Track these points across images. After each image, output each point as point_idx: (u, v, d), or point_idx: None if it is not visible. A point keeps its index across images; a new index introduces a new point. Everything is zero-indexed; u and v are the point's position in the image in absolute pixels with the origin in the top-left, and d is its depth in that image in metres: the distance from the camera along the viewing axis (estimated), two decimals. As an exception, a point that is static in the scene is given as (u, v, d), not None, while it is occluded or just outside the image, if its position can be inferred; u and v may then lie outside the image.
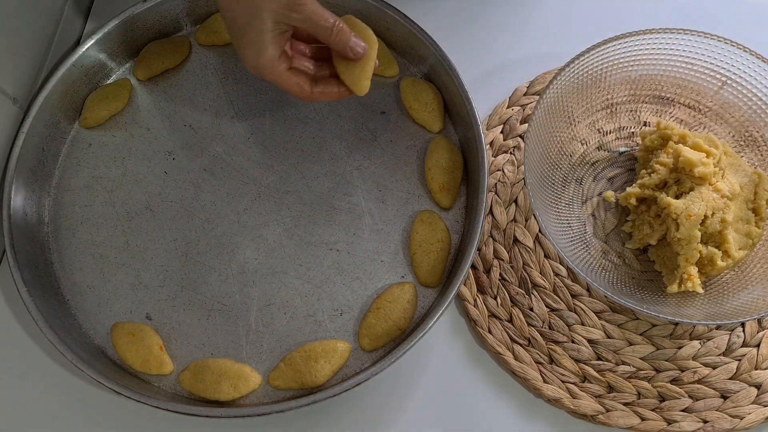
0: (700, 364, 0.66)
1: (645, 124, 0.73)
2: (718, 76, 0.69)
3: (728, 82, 0.69)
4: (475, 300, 0.68)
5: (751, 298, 0.63)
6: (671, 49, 0.69)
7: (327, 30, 0.60)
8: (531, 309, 0.68)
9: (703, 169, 0.63)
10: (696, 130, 0.72)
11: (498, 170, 0.73)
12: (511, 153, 0.74)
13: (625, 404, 0.65)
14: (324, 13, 0.60)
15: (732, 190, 0.64)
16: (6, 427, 0.65)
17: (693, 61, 0.69)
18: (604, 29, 0.70)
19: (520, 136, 0.74)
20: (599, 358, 0.66)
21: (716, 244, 0.64)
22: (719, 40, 0.67)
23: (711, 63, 0.69)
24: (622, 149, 0.73)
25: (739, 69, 0.68)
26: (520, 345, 0.67)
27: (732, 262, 0.64)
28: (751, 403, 0.64)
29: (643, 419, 0.64)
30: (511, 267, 0.69)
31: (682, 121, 0.72)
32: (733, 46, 0.67)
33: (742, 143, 0.71)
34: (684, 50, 0.69)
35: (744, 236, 0.65)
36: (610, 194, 0.71)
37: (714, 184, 0.64)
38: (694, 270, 0.63)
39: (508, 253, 0.70)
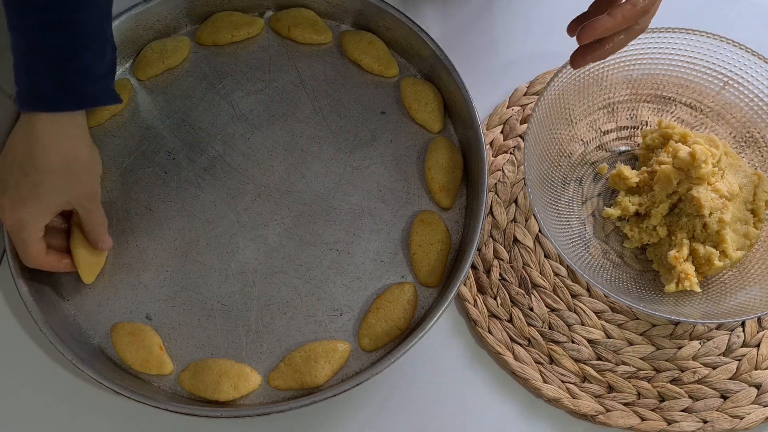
0: (700, 364, 0.66)
1: (645, 123, 0.73)
2: (719, 76, 0.69)
3: (730, 82, 0.69)
4: (475, 300, 0.68)
5: (749, 298, 0.63)
6: (672, 48, 0.69)
7: (102, 224, 0.65)
8: (531, 309, 0.68)
9: (702, 169, 0.63)
10: (697, 129, 0.72)
11: (498, 170, 0.73)
12: (511, 153, 0.74)
13: (625, 404, 0.65)
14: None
15: (731, 190, 0.64)
16: (6, 427, 0.65)
17: (694, 61, 0.69)
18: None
19: (520, 136, 0.74)
20: (599, 358, 0.66)
21: (714, 243, 0.64)
22: (721, 40, 0.67)
23: (713, 63, 0.69)
24: (623, 148, 0.73)
25: (740, 69, 0.68)
26: (520, 345, 0.67)
27: (729, 262, 0.64)
28: (751, 403, 0.64)
29: (643, 419, 0.64)
30: (511, 267, 0.69)
31: (683, 120, 0.72)
32: (735, 46, 0.67)
33: (742, 143, 0.70)
34: (685, 50, 0.69)
35: (742, 237, 0.65)
36: (604, 167, 0.71)
37: (713, 184, 0.64)
38: (691, 269, 0.63)
39: (508, 253, 0.70)
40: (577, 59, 0.61)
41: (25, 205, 0.60)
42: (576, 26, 0.61)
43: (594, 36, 0.57)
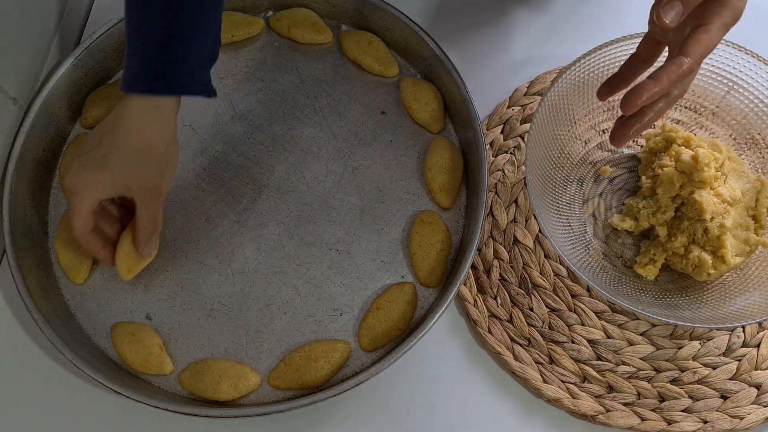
0: (700, 364, 0.66)
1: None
2: (724, 81, 0.69)
3: (735, 87, 0.69)
4: (475, 300, 0.68)
5: (749, 303, 0.63)
6: (674, 50, 0.69)
7: (151, 228, 0.64)
8: (531, 309, 0.68)
9: (704, 173, 0.63)
10: (695, 131, 0.72)
11: (498, 170, 0.73)
12: (511, 153, 0.74)
13: (625, 404, 0.65)
14: None
15: (733, 195, 0.64)
16: (6, 427, 0.65)
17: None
18: (605, 30, 0.70)
19: (521, 136, 0.74)
20: (599, 358, 0.66)
21: (714, 248, 0.64)
22: (726, 44, 0.67)
23: (717, 67, 0.69)
24: (626, 151, 0.73)
25: (746, 75, 0.68)
26: (520, 345, 0.67)
27: (726, 267, 0.64)
28: (751, 404, 0.64)
29: (643, 419, 0.64)
30: (511, 267, 0.69)
31: (681, 122, 0.72)
32: (741, 51, 0.66)
33: (743, 145, 0.70)
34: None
35: (742, 242, 0.65)
36: (606, 169, 0.71)
37: (715, 189, 0.64)
38: (660, 256, 0.65)
39: (508, 253, 0.70)
40: (619, 136, 0.58)
41: (85, 172, 0.60)
42: (607, 90, 0.58)
43: (639, 105, 0.52)
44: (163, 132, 0.60)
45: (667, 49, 0.58)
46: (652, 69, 0.55)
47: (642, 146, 0.72)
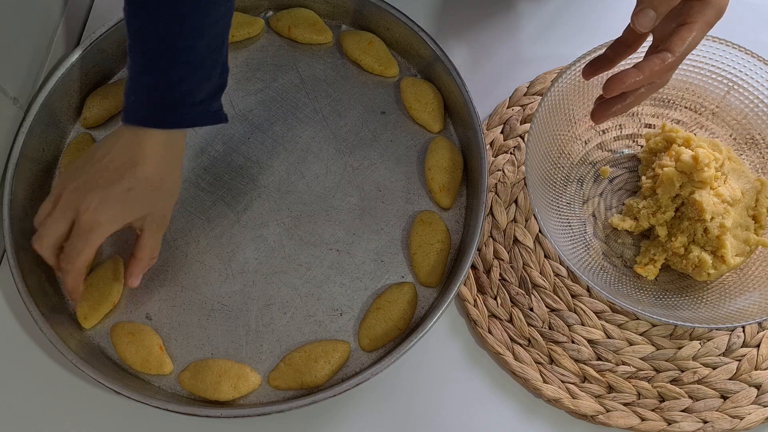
0: (700, 364, 0.66)
1: (648, 126, 0.73)
2: (725, 81, 0.69)
3: (735, 87, 0.69)
4: (475, 300, 0.68)
5: (749, 303, 0.63)
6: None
7: (154, 257, 0.66)
8: (531, 309, 0.68)
9: (704, 173, 0.63)
10: (695, 131, 0.72)
11: (498, 170, 0.73)
12: (511, 153, 0.74)
13: (625, 404, 0.65)
14: None
15: (733, 195, 0.64)
16: (6, 427, 0.65)
17: (699, 65, 0.69)
18: (605, 30, 0.70)
19: (521, 136, 0.74)
20: (599, 359, 0.66)
21: (714, 248, 0.64)
22: (726, 44, 0.67)
23: (717, 67, 0.68)
24: (626, 151, 0.73)
25: (746, 75, 0.68)
26: (520, 345, 0.67)
27: (726, 267, 0.64)
28: (751, 404, 0.64)
29: (643, 419, 0.64)
30: (511, 267, 0.69)
31: (679, 121, 0.72)
32: (741, 51, 0.66)
33: (743, 145, 0.70)
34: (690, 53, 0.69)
35: (742, 242, 0.65)
36: (606, 169, 0.71)
37: (715, 189, 0.64)
38: (660, 256, 0.64)
39: (508, 253, 0.70)
40: (599, 114, 0.60)
41: (111, 207, 0.59)
42: (591, 70, 0.60)
43: (620, 90, 0.56)
44: (178, 162, 0.63)
45: (651, 36, 0.60)
46: (634, 54, 0.59)
47: (642, 146, 0.72)
